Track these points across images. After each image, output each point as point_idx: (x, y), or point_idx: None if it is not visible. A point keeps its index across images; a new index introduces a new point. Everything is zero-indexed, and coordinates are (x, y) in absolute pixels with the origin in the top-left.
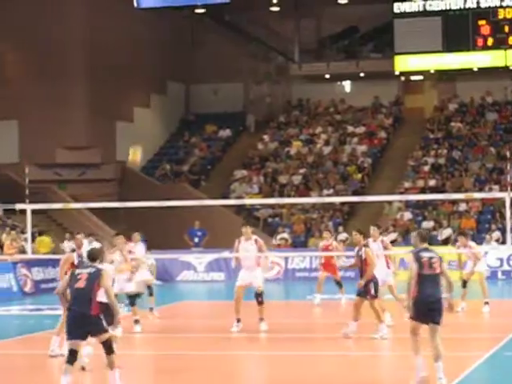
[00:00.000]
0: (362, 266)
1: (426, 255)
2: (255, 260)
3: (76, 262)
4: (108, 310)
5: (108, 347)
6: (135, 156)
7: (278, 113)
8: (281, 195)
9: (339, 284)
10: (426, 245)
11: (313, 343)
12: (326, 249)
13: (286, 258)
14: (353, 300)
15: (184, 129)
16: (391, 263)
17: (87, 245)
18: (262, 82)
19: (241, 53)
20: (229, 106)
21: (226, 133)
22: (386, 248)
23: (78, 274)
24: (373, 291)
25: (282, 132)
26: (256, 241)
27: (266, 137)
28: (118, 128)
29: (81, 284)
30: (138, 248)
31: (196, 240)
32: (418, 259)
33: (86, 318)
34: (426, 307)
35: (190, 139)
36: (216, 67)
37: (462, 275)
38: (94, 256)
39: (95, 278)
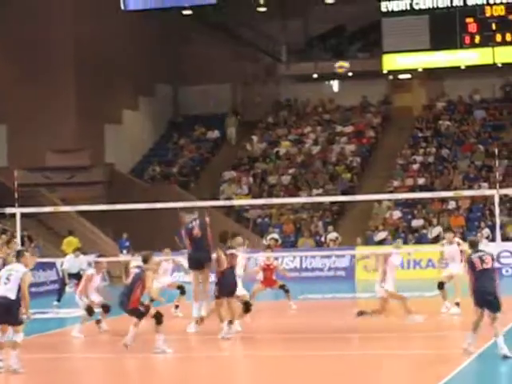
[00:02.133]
0: None
1: (476, 255)
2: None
3: None
4: None
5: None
6: None
7: (267, 113)
8: (270, 196)
9: (285, 289)
10: (477, 249)
11: (307, 343)
12: (267, 268)
13: (276, 259)
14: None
15: (173, 131)
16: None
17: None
18: (250, 83)
19: (228, 54)
20: (217, 107)
21: (214, 134)
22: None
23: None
24: None
25: (271, 132)
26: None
27: (254, 137)
28: (106, 130)
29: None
30: None
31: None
32: (469, 262)
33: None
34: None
35: (179, 141)
36: (204, 69)
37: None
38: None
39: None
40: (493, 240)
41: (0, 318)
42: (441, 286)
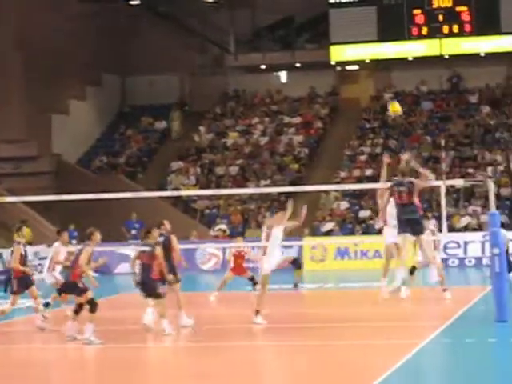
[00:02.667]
0: None
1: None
2: None
3: None
4: None
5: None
6: (394, 107)
7: (215, 104)
8: (218, 186)
9: (253, 281)
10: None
11: (255, 334)
12: (239, 255)
13: (224, 249)
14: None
15: (120, 121)
16: None
17: None
18: (198, 74)
19: (176, 44)
20: (165, 97)
21: (162, 125)
22: None
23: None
24: None
25: (219, 123)
26: None
27: (202, 128)
28: (53, 121)
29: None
30: None
31: (133, 232)
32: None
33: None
34: None
35: (126, 131)
36: (151, 59)
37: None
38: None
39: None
40: (439, 231)
41: None
42: (413, 270)
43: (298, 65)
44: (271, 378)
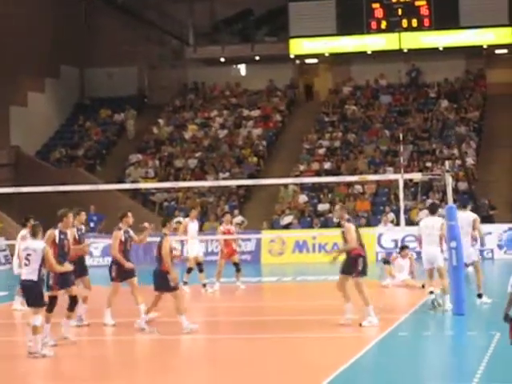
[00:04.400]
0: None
1: None
2: None
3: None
4: None
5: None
6: None
7: (174, 96)
8: (176, 179)
9: (238, 267)
10: None
11: (214, 327)
12: (228, 233)
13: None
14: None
15: (79, 113)
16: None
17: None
18: (157, 66)
19: (135, 36)
20: (124, 90)
21: (120, 117)
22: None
23: None
24: (360, 268)
25: (178, 116)
26: None
27: (161, 121)
28: (11, 113)
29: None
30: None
31: (92, 225)
32: None
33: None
34: None
35: (85, 124)
36: (110, 51)
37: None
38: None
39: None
40: (397, 224)
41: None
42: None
43: (257, 58)
44: (225, 371)
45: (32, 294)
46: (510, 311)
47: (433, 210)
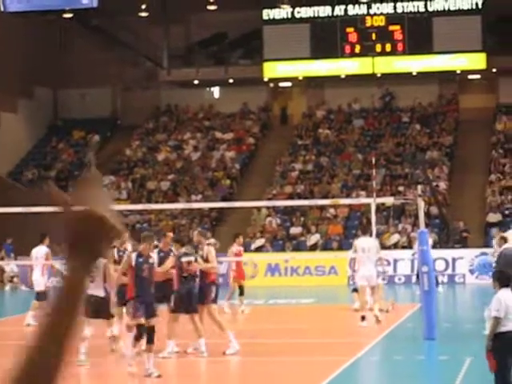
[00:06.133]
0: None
1: None
2: None
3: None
4: None
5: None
6: None
7: (147, 119)
8: (149, 201)
9: (242, 290)
10: None
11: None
12: (240, 255)
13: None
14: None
15: (52, 134)
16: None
17: None
18: (131, 88)
19: (109, 58)
20: (97, 111)
21: (94, 138)
22: None
23: None
24: (213, 295)
25: (151, 138)
26: None
27: (134, 143)
28: None
29: None
30: None
31: None
32: None
33: None
34: None
35: (58, 145)
36: (84, 72)
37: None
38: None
39: None
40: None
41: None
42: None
43: (230, 81)
44: None
45: (100, 308)
46: (489, 341)
47: (364, 231)
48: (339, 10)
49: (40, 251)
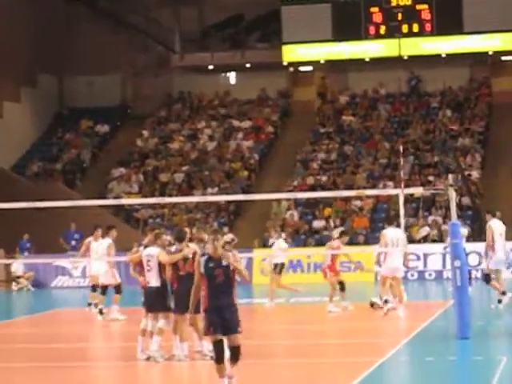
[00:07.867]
0: None
1: None
2: None
3: None
4: None
5: None
6: None
7: (159, 107)
8: (162, 194)
9: (343, 286)
10: None
11: None
12: (338, 249)
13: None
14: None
15: (58, 124)
16: None
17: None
18: (141, 74)
19: (118, 42)
20: (105, 99)
21: (103, 128)
22: None
23: None
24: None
25: (163, 127)
26: None
27: (145, 132)
28: None
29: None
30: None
31: (73, 243)
32: None
33: None
34: None
35: (64, 135)
36: (91, 58)
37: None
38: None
39: None
40: None
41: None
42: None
43: (248, 65)
44: None
45: (156, 299)
46: None
47: (391, 222)
48: None
49: (103, 244)
